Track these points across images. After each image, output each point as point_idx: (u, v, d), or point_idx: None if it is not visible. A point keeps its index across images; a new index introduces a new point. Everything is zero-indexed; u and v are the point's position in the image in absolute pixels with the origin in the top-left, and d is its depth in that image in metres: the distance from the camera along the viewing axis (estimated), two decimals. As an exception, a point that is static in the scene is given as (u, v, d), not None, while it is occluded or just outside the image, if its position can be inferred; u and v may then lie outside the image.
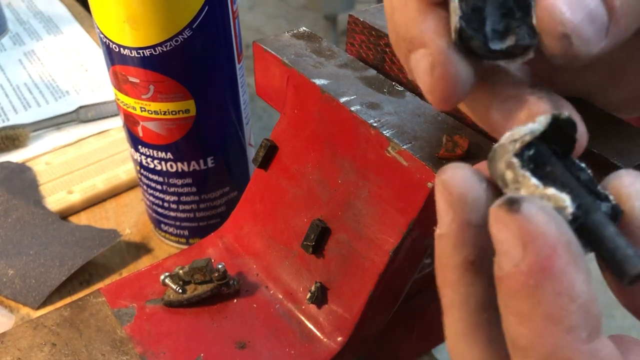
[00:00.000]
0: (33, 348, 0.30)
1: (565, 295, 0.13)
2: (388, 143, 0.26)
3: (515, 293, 0.14)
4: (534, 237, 0.14)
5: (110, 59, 0.36)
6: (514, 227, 0.14)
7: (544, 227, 0.14)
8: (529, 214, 0.14)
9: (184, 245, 0.45)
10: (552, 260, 0.13)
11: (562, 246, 0.13)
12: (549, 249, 0.13)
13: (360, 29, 0.34)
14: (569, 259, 0.13)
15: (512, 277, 0.14)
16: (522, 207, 0.14)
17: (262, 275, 0.34)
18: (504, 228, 0.14)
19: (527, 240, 0.14)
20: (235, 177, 0.43)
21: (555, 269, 0.13)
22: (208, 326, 0.31)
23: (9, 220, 0.47)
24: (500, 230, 0.14)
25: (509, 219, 0.14)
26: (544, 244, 0.13)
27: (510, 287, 0.14)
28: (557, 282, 0.13)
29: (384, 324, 0.32)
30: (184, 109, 0.37)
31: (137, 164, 0.42)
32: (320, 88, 0.29)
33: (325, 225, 0.30)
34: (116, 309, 0.32)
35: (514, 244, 0.14)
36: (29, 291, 0.42)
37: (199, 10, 0.34)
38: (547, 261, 0.13)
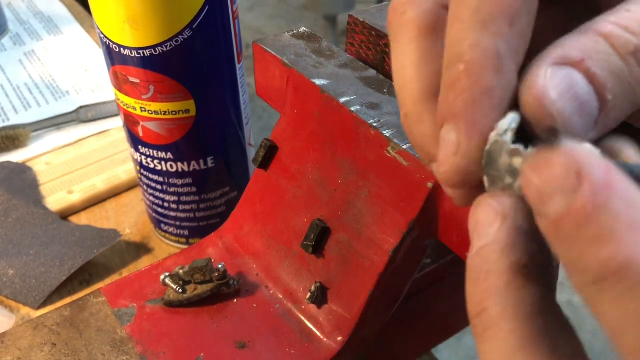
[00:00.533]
0: (33, 348, 0.30)
1: (637, 206, 0.13)
2: (388, 143, 0.27)
3: (585, 221, 0.13)
4: (586, 160, 0.13)
5: (111, 59, 0.36)
6: (562, 160, 0.13)
7: (590, 151, 0.13)
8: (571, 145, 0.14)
9: (184, 245, 0.45)
10: (611, 176, 0.13)
11: (610, 164, 0.13)
12: (603, 167, 0.13)
13: (360, 29, 0.34)
14: (621, 174, 0.13)
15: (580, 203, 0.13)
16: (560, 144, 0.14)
17: (262, 275, 0.34)
18: (550, 166, 0.13)
19: (580, 165, 0.13)
20: (235, 177, 0.43)
21: (617, 183, 0.13)
22: (208, 326, 0.32)
23: (9, 220, 0.47)
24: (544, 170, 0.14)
25: (553, 155, 0.14)
26: (598, 164, 0.13)
27: (579, 216, 0.13)
28: (625, 194, 0.13)
29: (384, 324, 0.32)
30: (184, 109, 0.37)
31: (137, 164, 0.42)
32: (320, 88, 0.30)
33: (325, 225, 0.30)
34: (116, 309, 0.32)
35: (566, 173, 0.13)
36: (29, 291, 0.42)
37: (199, 10, 0.34)
38: (608, 177, 0.13)
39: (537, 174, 0.14)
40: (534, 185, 0.14)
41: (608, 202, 0.13)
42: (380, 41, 0.33)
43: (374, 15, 0.34)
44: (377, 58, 0.34)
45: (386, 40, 0.33)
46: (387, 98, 0.29)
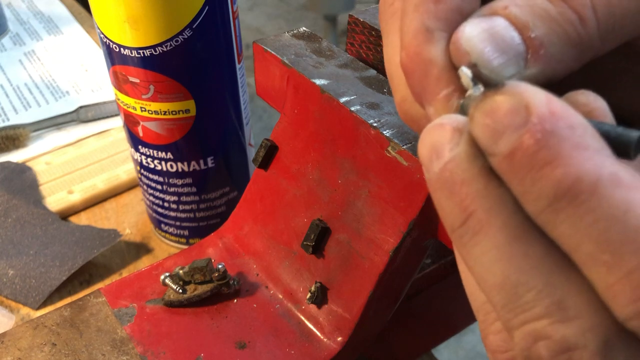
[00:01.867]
0: (33, 348, 0.30)
1: (578, 127, 0.14)
2: (388, 143, 0.26)
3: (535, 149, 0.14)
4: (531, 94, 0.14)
5: (111, 59, 0.36)
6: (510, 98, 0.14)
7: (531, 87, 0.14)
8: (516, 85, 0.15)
9: (184, 245, 0.45)
10: (553, 104, 0.14)
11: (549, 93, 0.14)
12: (545, 98, 0.14)
13: (360, 29, 0.34)
14: (559, 100, 0.14)
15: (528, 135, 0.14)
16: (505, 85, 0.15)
17: (262, 275, 0.34)
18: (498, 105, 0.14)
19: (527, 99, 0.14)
20: (235, 177, 0.43)
21: (560, 111, 0.14)
22: (208, 326, 0.32)
23: (9, 220, 0.47)
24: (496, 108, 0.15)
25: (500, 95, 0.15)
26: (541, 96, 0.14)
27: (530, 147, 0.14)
28: (566, 118, 0.14)
29: (384, 324, 0.32)
30: (184, 109, 0.37)
31: (137, 164, 0.42)
32: (320, 88, 0.29)
33: (325, 225, 0.30)
34: (116, 309, 0.32)
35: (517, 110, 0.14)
36: (29, 291, 0.42)
37: (199, 10, 0.34)
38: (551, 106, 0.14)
39: (489, 115, 0.15)
40: (486, 126, 0.15)
41: (554, 129, 0.13)
42: (380, 41, 0.33)
43: (374, 15, 0.34)
44: (377, 58, 0.34)
45: (386, 40, 0.33)
46: (387, 98, 0.29)
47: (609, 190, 0.13)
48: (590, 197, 0.13)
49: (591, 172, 0.13)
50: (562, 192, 0.13)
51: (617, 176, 0.13)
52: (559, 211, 0.14)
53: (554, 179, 0.13)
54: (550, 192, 0.14)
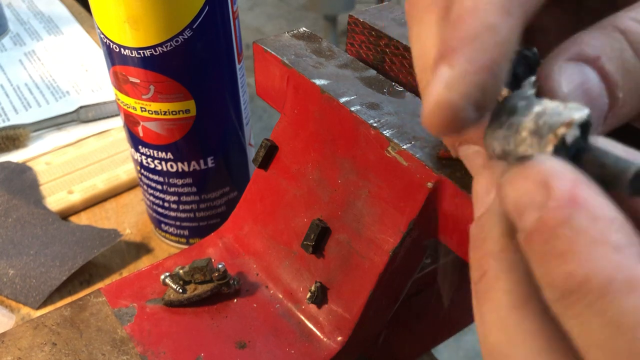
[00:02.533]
0: (33, 348, 0.30)
1: (601, 219, 0.13)
2: (388, 143, 0.27)
3: (550, 236, 0.13)
4: (554, 174, 0.13)
5: (111, 59, 0.36)
6: (532, 174, 0.14)
7: (559, 166, 0.14)
8: (542, 160, 0.14)
9: (184, 245, 0.45)
10: (577, 190, 0.13)
11: (579, 178, 0.13)
12: (570, 181, 0.13)
13: (360, 29, 0.34)
14: (592, 188, 0.13)
15: (544, 220, 0.13)
16: (532, 156, 0.14)
17: (262, 275, 0.34)
18: (522, 181, 0.14)
19: (548, 180, 0.13)
20: (235, 177, 0.43)
21: (583, 197, 0.13)
22: (208, 326, 0.32)
23: (9, 220, 0.47)
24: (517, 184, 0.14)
25: (525, 170, 0.14)
26: (565, 178, 0.13)
27: (545, 232, 0.13)
28: (590, 208, 0.13)
29: (384, 324, 0.32)
30: (184, 109, 0.37)
31: (138, 164, 0.42)
32: (320, 88, 0.30)
33: (325, 225, 0.30)
34: (116, 309, 0.32)
35: (536, 189, 0.13)
36: (30, 291, 0.42)
37: (199, 10, 0.34)
38: (574, 191, 0.13)
39: (512, 186, 0.14)
40: (510, 197, 0.14)
41: (572, 218, 0.13)
42: (380, 41, 0.33)
43: (374, 15, 0.35)
44: (377, 58, 0.34)
45: (386, 40, 0.33)
46: (387, 98, 0.29)
47: (621, 295, 0.12)
48: (600, 299, 0.12)
49: (604, 272, 0.12)
50: (572, 288, 0.13)
51: (634, 280, 0.12)
52: (569, 307, 0.13)
53: (565, 272, 0.13)
54: (561, 284, 0.13)
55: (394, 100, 0.29)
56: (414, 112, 0.28)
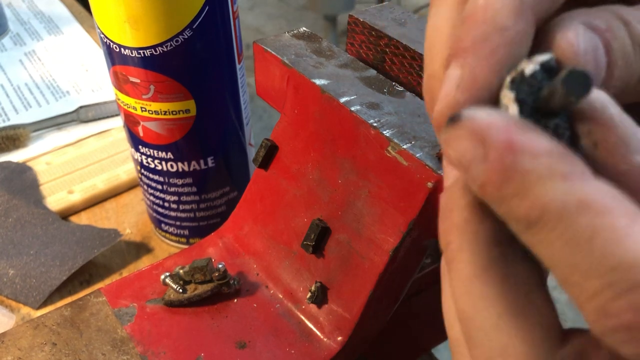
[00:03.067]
0: (34, 348, 0.30)
1: (541, 154, 0.14)
2: (388, 143, 0.27)
3: (500, 183, 0.14)
4: (487, 126, 0.14)
5: (111, 59, 0.36)
6: (466, 132, 0.14)
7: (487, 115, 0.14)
8: (471, 114, 0.14)
9: (184, 245, 0.45)
10: (512, 135, 0.14)
11: (510, 122, 0.14)
12: (503, 129, 0.14)
13: (361, 29, 0.34)
14: (523, 128, 0.14)
15: (490, 170, 0.14)
16: (461, 115, 0.15)
17: (262, 275, 0.34)
18: (459, 140, 0.15)
19: (482, 133, 0.14)
20: (236, 177, 0.43)
21: (519, 140, 0.14)
22: (208, 326, 0.32)
23: (9, 220, 0.47)
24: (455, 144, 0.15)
25: (458, 129, 0.15)
26: (497, 127, 0.14)
27: (494, 181, 0.14)
28: (528, 147, 0.14)
29: (384, 324, 0.32)
30: (184, 109, 0.37)
31: (138, 164, 0.42)
32: (320, 88, 0.30)
33: (325, 225, 0.30)
34: (116, 309, 0.32)
35: (473, 145, 0.14)
36: (30, 291, 0.42)
37: (199, 10, 0.34)
38: (509, 136, 0.14)
39: (451, 148, 0.15)
40: (452, 158, 0.15)
41: (514, 163, 0.14)
42: (380, 41, 0.33)
43: (374, 15, 0.35)
44: (377, 58, 0.34)
45: (386, 40, 0.33)
46: (387, 98, 0.29)
47: (574, 217, 0.13)
48: (558, 224, 0.13)
49: (557, 200, 0.13)
50: (533, 220, 0.14)
51: (585, 201, 0.13)
52: (536, 234, 0.14)
53: (523, 210, 0.14)
54: (523, 219, 0.14)
55: (394, 100, 0.29)
56: (414, 112, 0.28)
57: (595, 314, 0.13)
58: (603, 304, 0.13)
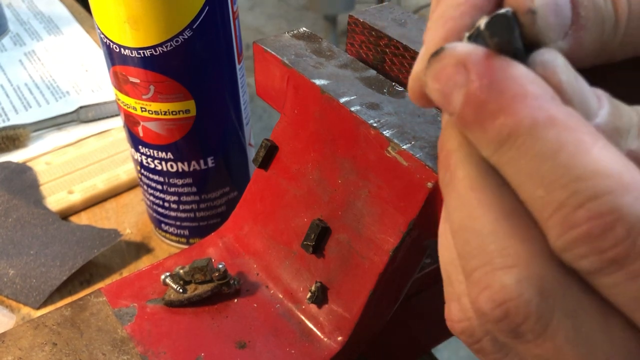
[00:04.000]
0: (34, 348, 0.30)
1: (517, 77, 0.15)
2: (388, 143, 0.27)
3: (479, 103, 0.15)
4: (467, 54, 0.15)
5: (111, 59, 0.36)
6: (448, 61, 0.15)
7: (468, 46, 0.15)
8: (452, 46, 0.15)
9: (184, 245, 0.45)
10: (491, 60, 0.15)
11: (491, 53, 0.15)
12: (482, 56, 0.15)
13: (360, 30, 0.34)
14: (501, 56, 0.15)
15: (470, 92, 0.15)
16: (444, 48, 0.16)
17: (263, 275, 0.34)
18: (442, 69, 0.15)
19: (464, 60, 0.15)
20: (236, 177, 0.43)
21: (498, 65, 0.15)
22: (208, 326, 0.32)
23: (9, 220, 0.47)
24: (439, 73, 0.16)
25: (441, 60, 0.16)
26: (477, 54, 0.15)
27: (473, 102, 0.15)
28: (506, 71, 0.15)
29: (384, 324, 0.32)
30: (184, 109, 0.37)
31: (138, 164, 0.42)
32: (320, 88, 0.30)
33: (325, 225, 0.30)
34: (117, 309, 0.32)
35: (455, 71, 0.15)
36: (30, 291, 0.42)
37: (199, 10, 0.34)
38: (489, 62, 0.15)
39: (435, 78, 0.16)
40: (437, 90, 0.16)
41: (492, 82, 0.15)
42: (380, 41, 0.33)
43: (374, 15, 0.35)
44: (377, 58, 0.34)
45: (386, 41, 0.33)
46: (387, 98, 0.29)
47: (543, 132, 0.14)
48: (527, 139, 0.14)
49: (528, 116, 0.14)
50: (504, 138, 0.15)
51: (553, 118, 0.14)
52: (503, 154, 0.15)
53: (497, 127, 0.15)
54: (495, 139, 0.15)
55: (394, 100, 0.29)
56: (414, 112, 0.28)
57: (559, 228, 0.14)
58: (565, 215, 0.14)
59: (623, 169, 0.13)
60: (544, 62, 0.15)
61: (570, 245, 0.14)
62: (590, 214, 0.13)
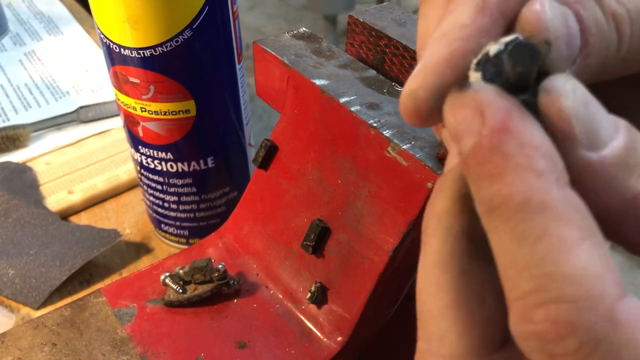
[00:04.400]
0: (33, 348, 0.30)
1: (528, 146, 0.14)
2: (388, 143, 0.27)
3: (482, 160, 0.14)
4: (489, 103, 0.15)
5: (111, 60, 0.36)
6: (468, 102, 0.15)
7: (494, 94, 0.15)
8: (478, 87, 0.15)
9: (184, 245, 0.45)
10: (509, 118, 0.14)
11: (512, 106, 0.15)
12: (503, 110, 0.14)
13: (360, 30, 0.34)
14: (523, 117, 0.14)
15: (479, 145, 0.14)
16: (471, 85, 0.15)
17: (262, 275, 0.34)
18: (461, 108, 0.15)
19: (483, 108, 0.14)
20: (235, 177, 0.43)
21: (513, 125, 0.14)
22: (208, 326, 0.32)
23: (9, 220, 0.47)
24: (456, 112, 0.15)
25: (462, 97, 0.15)
26: (499, 107, 0.14)
27: (478, 156, 0.14)
28: (519, 135, 0.14)
29: (384, 324, 0.32)
30: (184, 109, 0.37)
31: (138, 164, 0.42)
32: (320, 88, 0.30)
33: (325, 225, 0.30)
34: (116, 309, 0.32)
35: (472, 116, 0.15)
36: (30, 291, 0.42)
37: (199, 10, 0.34)
38: (506, 119, 0.14)
39: (452, 113, 0.15)
40: (450, 123, 0.15)
41: (502, 144, 0.14)
42: (380, 41, 0.33)
43: (374, 15, 0.35)
44: (377, 58, 0.34)
45: (386, 41, 0.33)
46: (387, 98, 0.29)
47: (531, 215, 0.13)
48: (514, 216, 0.14)
49: (523, 193, 0.14)
50: (495, 205, 0.14)
51: (546, 204, 0.13)
52: (492, 220, 0.14)
53: (491, 191, 0.14)
54: (488, 201, 0.14)
55: (394, 100, 0.29)
56: (414, 112, 0.28)
57: (518, 316, 0.14)
58: (526, 308, 0.13)
59: (599, 278, 0.13)
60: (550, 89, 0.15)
61: (524, 336, 0.14)
62: (547, 316, 0.13)
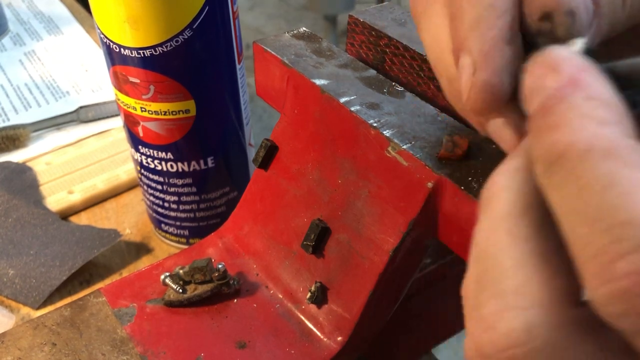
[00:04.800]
0: (33, 348, 0.30)
1: (595, 99, 0.14)
2: (388, 143, 0.27)
3: (549, 110, 0.14)
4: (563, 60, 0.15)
5: (111, 59, 0.36)
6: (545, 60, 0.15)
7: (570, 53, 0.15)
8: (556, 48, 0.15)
9: (184, 245, 0.45)
10: (581, 74, 0.14)
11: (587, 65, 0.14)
12: (576, 66, 0.14)
13: (360, 29, 0.34)
14: (596, 76, 0.14)
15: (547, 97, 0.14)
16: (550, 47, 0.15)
17: (262, 275, 0.34)
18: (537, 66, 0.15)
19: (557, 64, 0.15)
20: (235, 177, 0.43)
21: (584, 80, 0.14)
22: (208, 326, 0.32)
23: (9, 220, 0.47)
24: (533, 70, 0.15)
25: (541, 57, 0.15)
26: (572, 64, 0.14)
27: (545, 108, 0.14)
28: (587, 89, 0.14)
29: (384, 324, 0.32)
30: (184, 109, 0.37)
31: (138, 164, 0.42)
32: (320, 88, 0.30)
33: (325, 225, 0.30)
34: (116, 309, 0.32)
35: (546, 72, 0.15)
36: (30, 291, 0.42)
37: (199, 10, 0.34)
38: (578, 74, 0.14)
39: (529, 72, 0.15)
40: (527, 83, 0.15)
41: (569, 95, 0.14)
42: (380, 41, 0.33)
43: (374, 15, 0.35)
44: (377, 58, 0.34)
45: (386, 40, 0.33)
46: (387, 98, 0.29)
47: (596, 161, 0.12)
48: (578, 165, 0.13)
49: (585, 140, 0.13)
50: (555, 156, 0.13)
51: (613, 150, 0.13)
52: (552, 175, 0.13)
53: (551, 142, 0.13)
54: (547, 154, 0.14)
55: (394, 100, 0.29)
56: (414, 112, 0.28)
57: (597, 278, 0.12)
58: (605, 265, 0.12)
59: None
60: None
61: (606, 300, 0.12)
62: (630, 267, 0.11)
